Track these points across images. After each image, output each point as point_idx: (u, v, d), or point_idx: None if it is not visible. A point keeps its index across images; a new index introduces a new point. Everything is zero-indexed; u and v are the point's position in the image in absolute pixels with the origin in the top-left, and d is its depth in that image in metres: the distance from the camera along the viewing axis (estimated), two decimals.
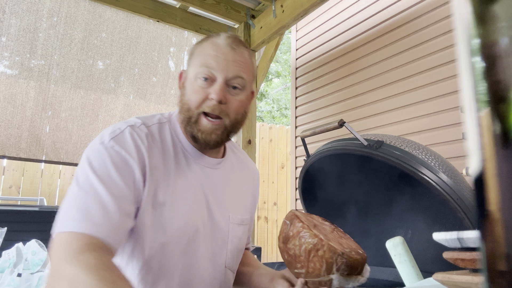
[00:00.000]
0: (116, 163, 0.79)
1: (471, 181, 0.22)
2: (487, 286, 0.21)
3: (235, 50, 0.89)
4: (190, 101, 0.87)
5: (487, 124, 0.20)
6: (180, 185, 0.88)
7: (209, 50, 0.88)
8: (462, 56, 0.22)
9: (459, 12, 0.23)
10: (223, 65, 0.86)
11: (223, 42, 0.89)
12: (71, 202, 0.76)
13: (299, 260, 0.80)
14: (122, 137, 0.83)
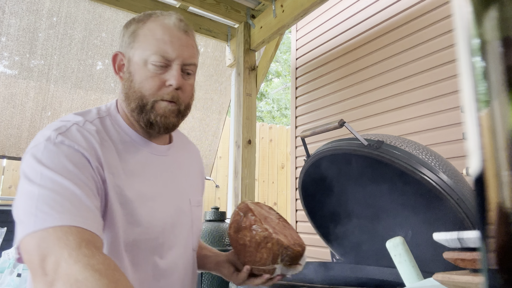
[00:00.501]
0: (70, 157, 0.73)
1: (471, 181, 0.22)
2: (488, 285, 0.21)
3: (188, 34, 0.87)
4: (143, 88, 0.83)
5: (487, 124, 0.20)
6: (142, 178, 0.86)
7: (162, 35, 0.83)
8: (462, 56, 0.22)
9: (459, 12, 0.22)
10: (179, 51, 0.83)
11: (176, 25, 0.85)
12: (33, 201, 0.67)
13: (248, 249, 0.88)
14: (70, 133, 0.76)
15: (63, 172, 0.70)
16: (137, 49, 0.84)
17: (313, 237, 2.62)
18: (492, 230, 0.21)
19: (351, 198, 1.56)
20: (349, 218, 1.60)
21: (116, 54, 0.88)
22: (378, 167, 1.33)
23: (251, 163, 2.64)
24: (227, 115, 3.36)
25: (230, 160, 2.90)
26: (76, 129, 0.78)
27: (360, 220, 1.59)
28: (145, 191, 0.86)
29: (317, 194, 1.63)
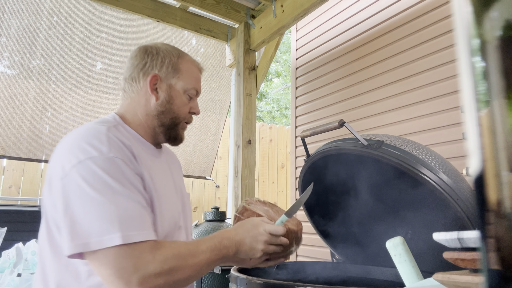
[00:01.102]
0: (128, 171, 0.86)
1: (471, 181, 0.22)
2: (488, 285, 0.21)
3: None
4: (179, 112, 1.06)
5: (487, 124, 0.20)
6: (156, 176, 0.98)
7: (197, 74, 1.11)
8: (462, 56, 0.22)
9: (459, 12, 0.23)
10: (201, 89, 1.13)
11: (201, 69, 1.14)
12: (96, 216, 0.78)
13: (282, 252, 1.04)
14: (113, 142, 0.88)
15: (127, 185, 0.84)
16: (179, 80, 1.05)
17: (313, 237, 2.62)
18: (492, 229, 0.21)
19: (351, 198, 1.56)
20: (349, 218, 1.60)
21: (155, 75, 1.03)
22: (378, 167, 1.34)
23: (251, 163, 2.64)
24: (227, 115, 3.36)
25: (230, 160, 2.90)
26: (115, 136, 0.89)
27: (360, 220, 1.59)
28: (162, 188, 0.98)
29: (317, 194, 1.62)
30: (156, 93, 1.03)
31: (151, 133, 1.06)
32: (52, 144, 2.59)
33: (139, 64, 1.04)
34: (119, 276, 0.76)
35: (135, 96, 1.04)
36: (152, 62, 1.03)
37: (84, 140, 0.85)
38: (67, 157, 0.84)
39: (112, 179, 0.81)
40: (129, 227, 0.78)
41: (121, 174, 0.83)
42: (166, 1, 2.78)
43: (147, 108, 1.03)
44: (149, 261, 0.78)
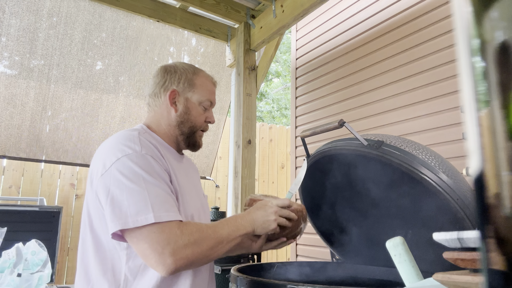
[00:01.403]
0: (156, 165, 1.02)
1: (471, 181, 0.22)
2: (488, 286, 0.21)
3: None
4: (196, 121, 1.21)
5: (487, 124, 0.20)
6: (180, 176, 1.11)
7: (211, 87, 1.25)
8: (462, 56, 0.22)
9: (459, 12, 0.23)
10: (215, 100, 1.28)
11: (215, 83, 1.28)
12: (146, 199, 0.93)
13: (281, 229, 1.16)
14: (144, 143, 1.04)
15: (157, 177, 0.98)
16: (195, 94, 1.20)
17: (313, 237, 2.63)
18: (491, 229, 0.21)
19: (351, 198, 1.56)
20: (349, 218, 1.60)
21: (174, 90, 1.19)
22: (378, 167, 1.33)
23: (251, 163, 2.64)
24: (227, 115, 3.36)
25: (230, 160, 2.90)
26: (145, 138, 1.06)
27: (360, 220, 1.59)
28: (186, 185, 1.13)
29: (317, 194, 1.63)
30: (175, 106, 1.19)
31: (174, 140, 1.22)
32: (52, 144, 2.59)
33: (160, 82, 1.20)
34: (153, 249, 0.90)
35: (158, 110, 1.20)
36: (171, 79, 1.20)
37: (121, 142, 1.02)
38: (107, 156, 1.00)
39: (144, 172, 0.96)
40: (159, 209, 0.93)
41: (151, 168, 0.99)
42: (166, 1, 2.78)
43: (169, 119, 1.19)
44: (178, 235, 0.92)
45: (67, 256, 3.35)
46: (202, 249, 0.95)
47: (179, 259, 0.91)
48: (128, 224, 0.91)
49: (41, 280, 1.85)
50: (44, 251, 1.96)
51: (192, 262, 0.94)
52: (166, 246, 0.90)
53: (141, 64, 2.84)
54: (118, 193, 0.94)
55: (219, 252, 1.01)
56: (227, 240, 1.01)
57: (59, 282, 3.26)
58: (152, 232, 0.91)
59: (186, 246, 0.93)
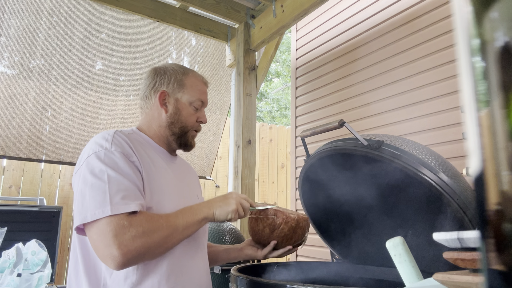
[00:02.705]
0: (122, 160, 1.01)
1: (471, 181, 0.22)
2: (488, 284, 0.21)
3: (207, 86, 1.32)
4: (187, 122, 1.21)
5: (487, 124, 0.20)
6: (165, 175, 1.12)
7: (202, 87, 1.25)
8: (462, 56, 0.22)
9: (459, 12, 0.23)
10: (207, 100, 1.28)
11: (206, 82, 1.29)
12: (93, 195, 0.93)
13: (288, 237, 1.21)
14: (116, 140, 1.04)
15: (121, 172, 0.98)
16: (185, 94, 1.20)
17: (313, 237, 2.63)
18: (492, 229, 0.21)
19: (351, 198, 1.56)
20: (349, 218, 1.60)
21: (163, 92, 1.19)
22: (378, 167, 1.33)
23: (251, 163, 2.64)
24: (227, 115, 3.36)
25: (230, 160, 2.90)
26: (119, 136, 1.06)
27: (360, 220, 1.59)
28: (168, 184, 1.12)
29: (317, 194, 1.63)
30: (165, 107, 1.20)
31: (165, 141, 1.22)
32: (52, 144, 2.59)
33: (151, 84, 1.22)
34: (101, 242, 0.90)
35: (149, 111, 1.21)
36: (161, 81, 1.21)
37: (95, 141, 1.04)
38: (82, 155, 1.04)
39: (108, 168, 0.97)
40: (118, 202, 0.92)
41: (116, 164, 0.99)
42: (166, 1, 2.78)
43: (159, 120, 1.20)
44: (125, 226, 0.91)
45: (67, 256, 3.35)
46: (153, 239, 0.94)
47: (127, 252, 0.89)
48: (86, 218, 0.91)
49: (41, 280, 1.85)
50: (44, 251, 1.96)
51: (142, 254, 0.92)
52: (113, 239, 0.89)
53: (141, 64, 2.84)
54: (83, 188, 0.96)
55: (173, 242, 1.00)
56: (183, 227, 1.01)
57: (59, 282, 3.26)
58: (102, 224, 0.90)
59: (134, 237, 0.91)
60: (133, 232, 0.91)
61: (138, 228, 0.92)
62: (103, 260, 0.91)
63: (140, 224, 0.93)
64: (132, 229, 0.91)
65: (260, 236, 1.24)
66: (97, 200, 0.92)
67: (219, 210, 1.09)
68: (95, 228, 0.91)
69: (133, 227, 0.91)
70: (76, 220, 0.94)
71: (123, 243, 0.89)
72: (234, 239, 1.90)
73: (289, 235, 1.21)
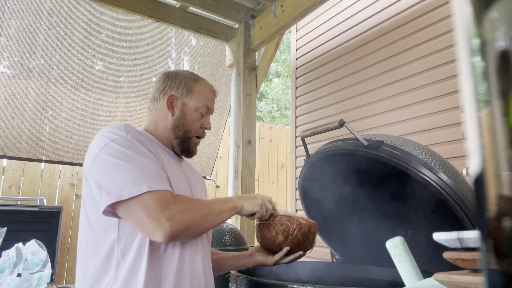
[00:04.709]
0: (143, 147, 1.05)
1: (471, 181, 0.22)
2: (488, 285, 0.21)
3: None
4: (191, 126, 1.24)
5: (487, 124, 0.20)
6: (172, 174, 1.12)
7: (210, 95, 1.28)
8: (462, 56, 0.22)
9: (459, 12, 0.23)
10: (213, 107, 1.31)
11: (214, 91, 1.32)
12: (124, 174, 0.96)
13: (301, 242, 1.21)
14: (129, 131, 1.08)
15: (145, 156, 1.03)
16: (192, 100, 1.24)
17: None
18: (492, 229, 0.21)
19: (351, 198, 1.56)
20: (349, 218, 1.60)
21: (172, 95, 1.23)
22: (378, 167, 1.33)
23: (251, 163, 2.64)
24: (228, 115, 3.36)
25: (230, 160, 2.90)
26: (131, 128, 1.10)
27: (360, 220, 1.59)
28: (182, 182, 1.14)
29: (317, 194, 1.63)
30: (172, 110, 1.23)
31: (170, 144, 1.25)
32: (52, 144, 2.59)
33: (161, 87, 1.25)
34: (149, 215, 0.93)
35: (157, 113, 1.25)
36: (171, 85, 1.25)
37: (108, 130, 1.06)
38: (96, 144, 1.04)
39: (132, 152, 1.01)
40: (152, 180, 0.96)
41: (138, 149, 1.03)
42: (166, 1, 2.78)
43: (165, 122, 1.23)
44: (171, 203, 0.96)
45: (67, 256, 3.35)
46: (196, 215, 1.00)
47: (176, 223, 0.94)
48: (123, 196, 0.93)
49: (41, 280, 1.85)
50: (44, 251, 1.96)
51: (187, 228, 0.97)
52: (162, 212, 0.93)
53: (142, 64, 2.84)
54: (110, 171, 0.97)
55: (211, 222, 1.05)
56: (217, 211, 1.06)
57: (59, 282, 3.26)
58: (146, 200, 0.94)
59: (181, 211, 0.96)
60: (178, 207, 0.96)
61: (182, 204, 0.98)
62: (151, 232, 0.94)
63: (182, 201, 0.99)
64: (177, 204, 0.97)
65: (272, 242, 1.25)
66: (131, 179, 0.95)
67: (247, 202, 1.14)
68: (138, 204, 0.94)
69: (177, 203, 0.97)
70: (108, 199, 0.95)
71: (171, 216, 0.94)
72: (234, 239, 1.90)
73: (302, 240, 1.22)
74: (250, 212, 1.15)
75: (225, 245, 1.96)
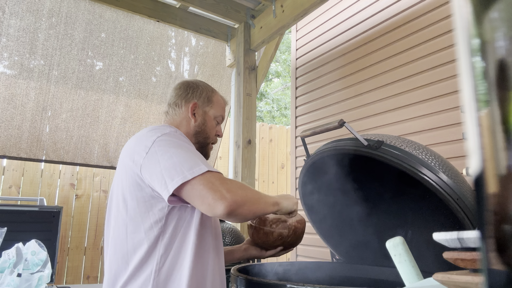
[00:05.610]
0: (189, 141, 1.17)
1: (471, 181, 0.22)
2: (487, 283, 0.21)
3: None
4: (210, 133, 1.34)
5: (487, 124, 0.20)
6: None
7: (224, 105, 1.41)
8: (462, 56, 0.22)
9: (459, 12, 0.23)
10: (225, 117, 1.38)
11: (227, 102, 1.44)
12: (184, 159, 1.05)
13: (293, 242, 1.30)
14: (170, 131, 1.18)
15: (192, 147, 1.14)
16: (212, 108, 1.35)
17: (313, 237, 2.63)
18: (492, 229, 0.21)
19: (351, 198, 1.56)
20: (349, 218, 1.60)
21: (195, 103, 1.32)
22: (378, 167, 1.33)
23: (251, 163, 2.64)
24: (228, 115, 3.36)
25: (230, 160, 2.90)
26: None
27: (360, 220, 1.59)
28: None
29: (317, 194, 1.62)
30: (195, 117, 1.32)
31: None
32: (53, 145, 2.59)
33: (183, 94, 1.34)
34: (210, 188, 1.00)
35: (177, 118, 1.32)
36: (193, 94, 1.34)
37: (154, 129, 1.15)
38: (145, 140, 1.11)
39: (182, 142, 1.11)
40: (207, 163, 1.06)
41: (187, 140, 1.14)
42: (166, 1, 2.78)
43: (187, 127, 1.31)
44: (227, 180, 1.05)
45: (67, 256, 3.35)
46: (251, 194, 1.07)
47: (235, 195, 1.01)
48: (186, 177, 1.00)
49: (41, 280, 1.85)
50: (44, 251, 1.96)
51: (245, 202, 1.03)
52: (222, 185, 1.01)
53: (142, 64, 2.84)
54: (167, 158, 1.04)
55: (261, 208, 1.10)
56: (264, 200, 1.12)
57: (59, 282, 3.26)
58: (207, 177, 1.02)
59: (237, 188, 1.04)
60: (235, 184, 1.05)
61: (236, 183, 1.08)
62: (212, 205, 0.99)
63: (236, 182, 1.09)
64: (233, 182, 1.06)
65: (269, 244, 1.32)
66: (190, 162, 1.03)
67: (286, 201, 1.21)
68: (201, 182, 1.01)
69: (233, 182, 1.06)
70: (173, 184, 1.01)
71: (230, 189, 1.01)
72: (235, 239, 1.90)
73: (294, 240, 1.32)
74: (290, 210, 1.23)
75: (225, 245, 1.96)
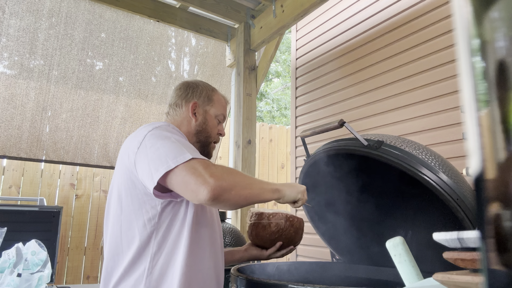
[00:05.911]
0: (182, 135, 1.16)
1: (471, 181, 0.22)
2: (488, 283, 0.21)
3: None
4: (211, 132, 1.33)
5: (487, 124, 0.20)
6: None
7: (225, 104, 1.40)
8: (462, 56, 0.22)
9: (459, 12, 0.23)
10: (227, 115, 1.35)
11: (228, 101, 1.43)
12: (181, 146, 1.04)
13: (292, 237, 1.32)
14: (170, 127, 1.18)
15: (184, 139, 1.13)
16: (212, 107, 1.34)
17: (313, 237, 2.62)
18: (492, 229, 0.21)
19: (351, 198, 1.56)
20: (349, 218, 1.60)
21: (195, 103, 1.32)
22: (378, 167, 1.33)
23: (251, 163, 2.64)
24: (228, 116, 3.36)
25: (230, 160, 2.90)
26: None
27: (360, 220, 1.59)
28: None
29: (317, 194, 1.62)
30: (195, 116, 1.31)
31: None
32: (53, 145, 2.59)
33: (183, 94, 1.33)
34: (192, 173, 0.97)
35: (178, 118, 1.32)
36: (193, 93, 1.33)
37: (149, 124, 1.15)
38: (139, 135, 1.11)
39: (171, 133, 1.09)
40: (194, 151, 1.03)
41: (178, 132, 1.14)
42: (166, 1, 2.78)
43: (188, 127, 1.31)
44: (212, 166, 1.01)
45: (67, 256, 3.35)
46: (238, 179, 1.03)
47: (219, 179, 0.96)
48: (170, 166, 0.98)
49: (41, 280, 1.85)
50: (44, 251, 1.96)
51: (231, 187, 0.99)
52: (205, 169, 0.98)
53: (142, 64, 2.84)
54: (154, 151, 1.04)
55: (253, 195, 1.05)
56: (259, 186, 1.08)
57: (59, 282, 3.26)
58: (190, 163, 0.99)
59: (223, 172, 1.01)
60: (220, 168, 1.02)
61: (224, 168, 1.04)
62: (195, 191, 0.96)
63: (224, 167, 1.05)
64: (219, 167, 1.02)
65: (267, 240, 1.32)
66: (175, 151, 1.01)
67: (290, 189, 1.16)
68: (184, 169, 0.98)
69: (218, 167, 1.02)
70: (157, 174, 0.99)
71: (214, 173, 0.97)
72: (235, 239, 1.90)
73: (293, 235, 1.31)
74: (293, 199, 1.17)
75: (226, 245, 1.96)
